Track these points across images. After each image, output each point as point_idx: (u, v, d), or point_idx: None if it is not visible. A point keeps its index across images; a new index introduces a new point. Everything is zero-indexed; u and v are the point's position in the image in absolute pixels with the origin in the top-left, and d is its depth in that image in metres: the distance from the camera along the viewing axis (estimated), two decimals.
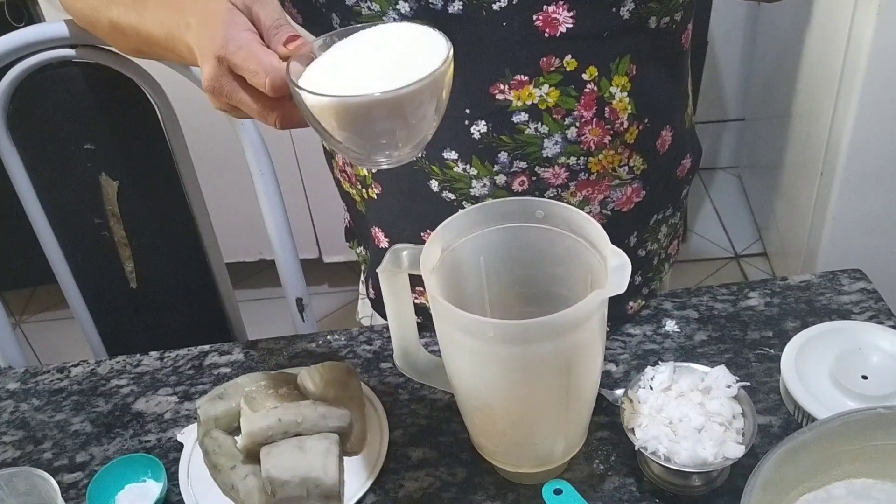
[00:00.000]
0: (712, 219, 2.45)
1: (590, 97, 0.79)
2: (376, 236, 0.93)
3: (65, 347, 1.80)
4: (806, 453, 0.71)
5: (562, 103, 0.78)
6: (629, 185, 0.86)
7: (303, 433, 0.80)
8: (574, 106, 0.79)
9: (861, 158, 1.66)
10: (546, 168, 0.81)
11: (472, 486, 0.80)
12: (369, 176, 0.89)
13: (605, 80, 0.79)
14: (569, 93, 0.78)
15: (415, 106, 0.58)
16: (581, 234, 0.72)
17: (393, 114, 0.58)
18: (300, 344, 0.97)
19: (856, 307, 0.94)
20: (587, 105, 0.79)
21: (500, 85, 0.77)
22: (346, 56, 0.61)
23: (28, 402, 0.94)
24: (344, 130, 0.59)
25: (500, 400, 0.72)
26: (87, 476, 0.85)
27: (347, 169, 0.92)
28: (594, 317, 0.67)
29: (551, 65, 0.76)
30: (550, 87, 0.77)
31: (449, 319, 0.68)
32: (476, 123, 0.79)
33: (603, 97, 0.79)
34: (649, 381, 0.79)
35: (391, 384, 0.90)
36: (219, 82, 0.63)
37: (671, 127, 0.87)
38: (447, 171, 0.82)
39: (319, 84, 0.58)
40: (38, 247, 1.09)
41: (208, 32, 0.64)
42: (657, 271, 0.97)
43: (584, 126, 0.80)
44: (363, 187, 0.91)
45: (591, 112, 0.79)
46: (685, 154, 0.92)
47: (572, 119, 0.79)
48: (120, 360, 0.98)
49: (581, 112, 0.79)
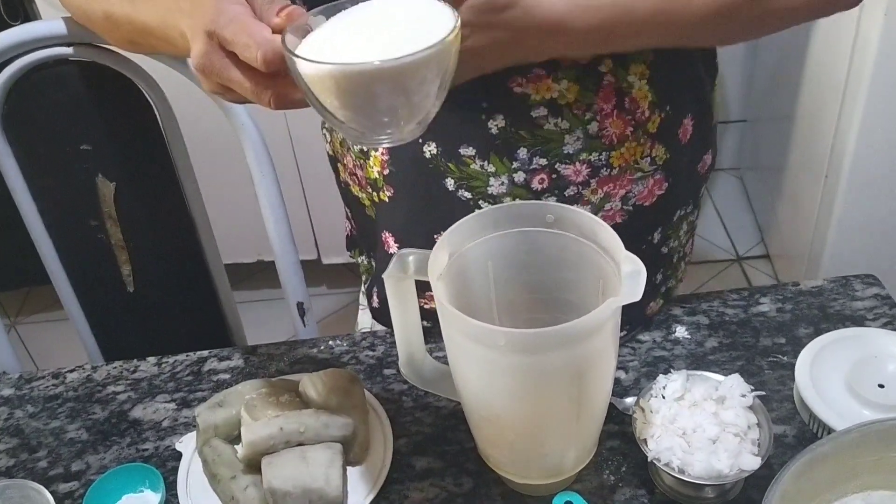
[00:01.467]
0: (714, 221, 2.43)
1: (608, 89, 0.77)
2: (386, 241, 0.91)
3: (61, 349, 1.78)
4: (823, 465, 0.69)
5: (582, 98, 0.77)
6: (651, 177, 0.84)
7: (305, 442, 0.78)
8: (593, 99, 0.77)
9: (867, 161, 1.65)
10: (567, 165, 0.79)
11: (479, 497, 0.78)
12: (380, 178, 0.86)
13: (622, 69, 0.77)
14: (587, 86, 0.76)
15: (418, 78, 0.55)
16: (592, 239, 0.70)
17: (395, 85, 0.55)
18: (301, 349, 0.95)
19: (870, 313, 0.92)
20: (606, 97, 0.77)
21: (518, 78, 0.75)
22: (346, 27, 0.58)
23: (23, 409, 0.92)
24: (343, 105, 0.56)
25: (509, 409, 0.70)
26: (83, 486, 0.82)
27: (358, 172, 0.90)
28: (607, 325, 0.65)
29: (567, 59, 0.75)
30: (569, 82, 0.76)
31: (457, 327, 0.66)
32: (494, 117, 0.77)
33: (621, 87, 0.78)
34: (661, 389, 0.77)
35: (395, 391, 0.88)
36: (209, 59, 0.60)
37: (692, 115, 0.85)
38: (464, 168, 0.80)
39: (317, 54, 0.55)
40: (33, 247, 1.07)
41: (199, 10, 0.61)
42: (675, 269, 0.95)
43: (605, 119, 0.78)
44: (374, 190, 0.88)
45: (610, 104, 0.78)
46: (707, 149, 0.90)
47: (592, 113, 0.77)
48: (117, 366, 0.96)
49: (601, 105, 0.77)
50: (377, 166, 0.85)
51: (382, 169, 0.85)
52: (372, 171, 0.87)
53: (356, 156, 0.88)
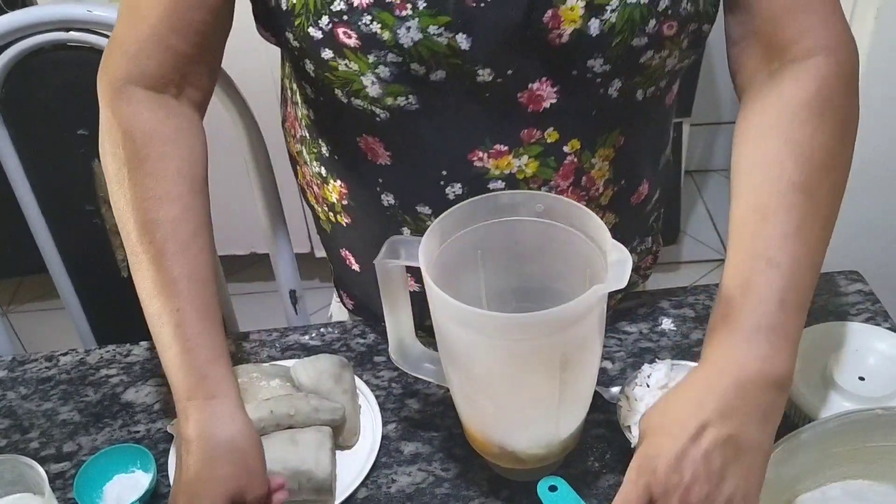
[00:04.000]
0: (705, 221, 2.45)
1: (568, 168, 0.77)
2: (346, 258, 0.91)
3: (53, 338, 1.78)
4: (803, 453, 0.71)
5: (540, 174, 0.76)
6: None
7: (295, 426, 0.79)
8: (552, 176, 0.77)
9: (855, 161, 1.65)
10: None
11: (466, 482, 0.79)
12: (338, 205, 0.85)
13: (588, 152, 0.77)
14: (548, 164, 0.76)
15: None
16: (581, 229, 0.71)
17: None
18: (293, 336, 0.96)
19: (853, 308, 0.93)
20: (565, 175, 0.77)
21: (478, 152, 0.75)
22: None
23: (15, 391, 0.93)
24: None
25: (496, 394, 0.71)
26: (74, 466, 0.83)
27: (315, 188, 0.88)
28: (594, 312, 0.66)
29: (532, 136, 0.74)
30: (530, 158, 0.75)
31: (447, 312, 0.67)
32: (452, 185, 0.77)
33: (582, 167, 0.77)
34: (646, 378, 0.78)
35: (385, 378, 0.90)
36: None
37: (647, 179, 0.85)
38: (420, 223, 0.80)
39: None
40: (26, 236, 1.08)
41: (210, 471, 0.68)
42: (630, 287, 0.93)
43: (560, 194, 0.78)
44: (332, 212, 0.87)
45: (567, 182, 0.77)
46: (657, 190, 0.89)
47: (548, 188, 0.77)
48: (109, 350, 0.97)
49: (558, 181, 0.77)
50: (335, 193, 0.84)
51: (341, 199, 0.84)
52: (331, 196, 0.85)
53: (313, 174, 0.86)
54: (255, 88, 1.00)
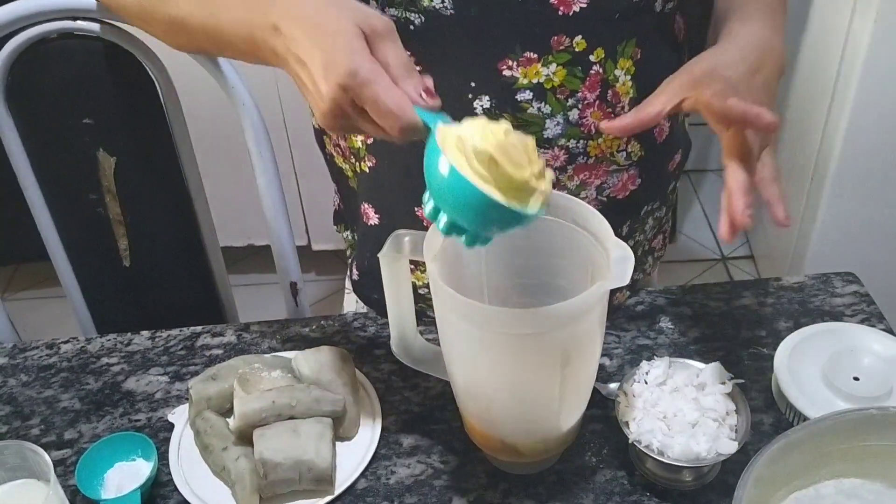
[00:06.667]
0: (700, 220, 2.46)
1: (594, 79, 0.79)
2: (366, 213, 0.93)
3: (49, 326, 1.78)
4: (798, 451, 0.72)
5: (567, 83, 0.79)
6: (626, 171, 0.86)
7: (296, 416, 0.80)
8: (579, 87, 0.79)
9: (852, 164, 1.67)
10: (546, 149, 0.82)
11: (464, 475, 0.80)
12: (363, 148, 0.88)
13: (611, 62, 0.80)
14: (575, 73, 0.79)
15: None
16: (583, 226, 0.72)
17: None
18: (294, 328, 0.97)
19: (848, 309, 0.94)
20: (591, 87, 0.80)
21: (508, 61, 0.78)
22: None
23: (16, 378, 0.93)
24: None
25: (497, 388, 0.72)
26: (75, 453, 0.84)
27: (341, 143, 0.92)
28: (595, 309, 0.67)
29: (561, 44, 0.77)
30: (558, 66, 0.78)
31: (451, 306, 0.67)
32: (480, 98, 0.80)
33: (607, 79, 0.80)
34: (644, 375, 0.79)
35: (385, 371, 0.90)
36: (340, 110, 0.63)
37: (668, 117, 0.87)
38: None
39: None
40: (22, 223, 1.08)
41: (325, 52, 0.62)
42: (642, 262, 0.98)
43: (587, 108, 0.81)
44: (356, 160, 0.91)
45: (594, 94, 0.80)
46: (677, 148, 0.93)
47: (575, 100, 0.80)
48: (111, 339, 0.97)
49: (585, 94, 0.80)
50: (361, 136, 0.87)
51: (366, 138, 0.87)
52: (356, 141, 0.89)
53: None
54: (256, 80, 1.00)
